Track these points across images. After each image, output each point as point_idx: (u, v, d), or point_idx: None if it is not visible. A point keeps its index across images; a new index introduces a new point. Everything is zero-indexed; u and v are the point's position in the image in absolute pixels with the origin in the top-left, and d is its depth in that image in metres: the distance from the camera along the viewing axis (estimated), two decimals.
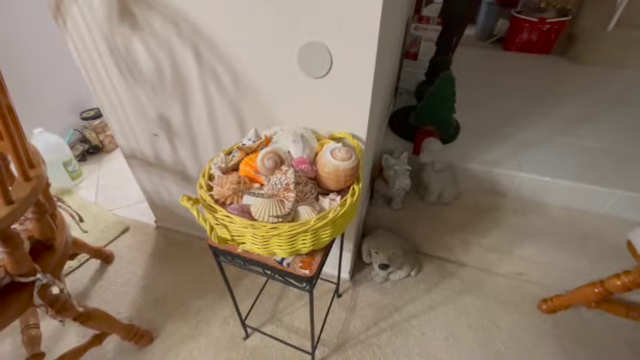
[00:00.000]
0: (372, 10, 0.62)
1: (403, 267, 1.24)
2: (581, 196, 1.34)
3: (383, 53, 0.78)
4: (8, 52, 1.55)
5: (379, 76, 0.79)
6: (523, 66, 2.48)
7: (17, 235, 0.68)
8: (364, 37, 0.65)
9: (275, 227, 0.57)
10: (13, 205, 0.60)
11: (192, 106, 0.96)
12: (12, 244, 0.66)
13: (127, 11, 0.82)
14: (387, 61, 0.97)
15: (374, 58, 0.68)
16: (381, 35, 0.66)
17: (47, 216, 0.79)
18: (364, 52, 0.67)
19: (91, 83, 1.04)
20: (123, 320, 1.13)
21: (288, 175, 0.60)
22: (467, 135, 1.58)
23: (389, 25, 0.79)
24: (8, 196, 0.60)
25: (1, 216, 0.58)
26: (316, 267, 0.68)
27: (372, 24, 0.63)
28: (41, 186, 0.73)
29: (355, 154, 0.65)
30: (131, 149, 1.20)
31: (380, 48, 0.68)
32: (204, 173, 0.69)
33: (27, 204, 0.66)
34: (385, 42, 0.78)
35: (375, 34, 0.64)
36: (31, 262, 0.73)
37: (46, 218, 0.79)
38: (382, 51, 0.75)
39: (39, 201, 0.76)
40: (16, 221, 0.64)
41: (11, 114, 0.65)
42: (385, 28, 0.72)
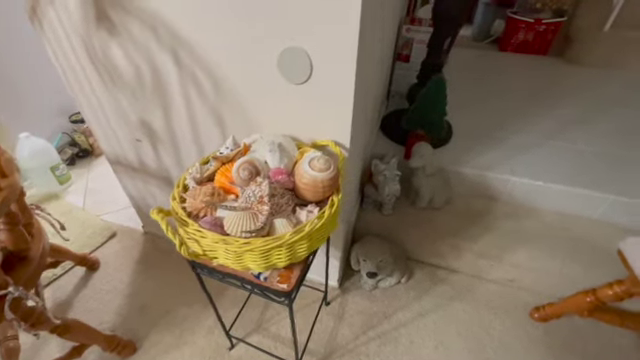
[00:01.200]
0: (351, 15, 0.59)
1: (393, 274, 1.21)
2: (574, 201, 1.31)
3: (366, 58, 0.76)
4: None
5: (362, 81, 0.76)
6: (519, 67, 2.46)
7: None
8: (343, 43, 0.63)
9: (248, 242, 0.54)
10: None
11: (173, 111, 0.93)
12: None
13: (104, 15, 0.79)
14: (373, 65, 0.94)
15: (354, 64, 0.65)
16: (361, 40, 0.64)
17: (20, 227, 0.77)
18: (344, 58, 0.65)
19: (71, 87, 1.01)
20: (106, 330, 1.11)
21: (262, 187, 0.57)
22: (460, 138, 1.55)
23: (372, 28, 0.77)
24: None
25: None
26: (295, 281, 0.66)
27: (351, 29, 0.61)
28: (13, 197, 0.71)
29: (334, 164, 0.63)
30: (115, 154, 1.18)
31: (361, 53, 0.66)
32: (178, 183, 0.67)
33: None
34: (368, 46, 0.76)
35: (354, 40, 0.62)
36: (2, 275, 0.71)
37: (19, 229, 0.77)
38: (364, 56, 0.73)
39: (11, 212, 0.74)
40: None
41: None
42: (367, 32, 0.69)
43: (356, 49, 0.63)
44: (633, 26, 2.18)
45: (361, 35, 0.62)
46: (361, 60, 0.68)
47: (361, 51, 0.66)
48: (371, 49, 0.82)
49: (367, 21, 0.67)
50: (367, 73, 0.84)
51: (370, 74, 0.93)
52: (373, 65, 0.97)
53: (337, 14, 0.60)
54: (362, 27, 0.62)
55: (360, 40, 0.63)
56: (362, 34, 0.63)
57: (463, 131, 1.59)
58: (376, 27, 0.85)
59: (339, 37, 0.63)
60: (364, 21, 0.62)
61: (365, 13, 0.61)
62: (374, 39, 0.86)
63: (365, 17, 0.63)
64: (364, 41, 0.67)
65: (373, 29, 0.79)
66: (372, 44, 0.83)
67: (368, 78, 0.88)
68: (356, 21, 0.60)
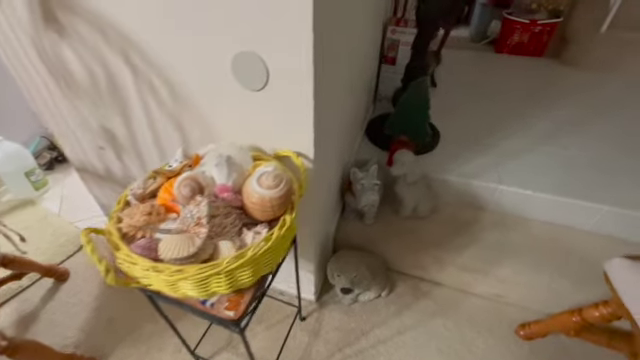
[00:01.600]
0: (302, 18, 0.54)
1: (372, 288, 1.16)
2: (564, 211, 1.25)
3: (329, 63, 0.71)
4: None
5: (326, 89, 0.71)
6: (514, 69, 2.40)
7: None
8: (298, 48, 0.58)
9: (180, 270, 0.49)
10: None
11: (133, 118, 0.88)
12: None
13: (51, 16, 0.74)
14: (347, 68, 0.89)
15: (312, 70, 0.60)
16: (318, 45, 0.58)
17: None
18: (301, 64, 0.60)
19: (28, 91, 0.96)
20: (70, 346, 1.07)
21: (201, 207, 0.52)
22: (447, 144, 1.49)
23: (337, 31, 0.71)
24: None
25: None
26: (243, 308, 0.60)
27: (304, 33, 0.55)
28: None
29: (286, 180, 0.57)
30: (80, 161, 1.12)
31: (319, 59, 0.61)
32: (120, 200, 0.61)
33: None
34: (333, 50, 0.71)
35: (309, 45, 0.57)
36: None
37: None
38: (328, 61, 0.68)
39: None
40: None
41: None
42: (329, 36, 0.64)
43: (312, 55, 0.58)
44: (630, 27, 2.11)
45: (318, 39, 0.57)
46: (320, 67, 0.62)
47: (320, 57, 0.60)
48: (338, 53, 0.77)
49: (326, 25, 0.61)
50: (335, 78, 0.78)
51: (342, 78, 0.87)
52: (346, 69, 0.91)
53: (288, 17, 0.55)
54: (318, 32, 0.56)
55: (317, 44, 0.57)
56: (319, 39, 0.58)
57: (451, 136, 1.53)
58: (345, 29, 0.80)
59: (293, 42, 0.57)
60: (320, 26, 0.57)
61: (320, 17, 0.56)
62: (344, 42, 0.81)
63: (322, 21, 0.57)
64: (324, 46, 0.62)
65: (339, 32, 0.74)
66: (340, 47, 0.77)
67: (338, 83, 0.83)
68: (309, 25, 0.54)
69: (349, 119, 1.14)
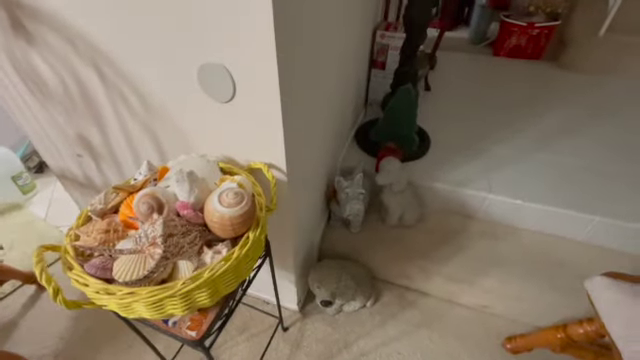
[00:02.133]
0: (264, 28, 0.52)
1: (356, 298, 1.14)
2: (555, 221, 1.22)
3: (302, 73, 0.69)
4: None
5: (298, 99, 0.69)
6: (511, 72, 2.37)
7: None
8: (262, 60, 0.56)
9: (132, 292, 0.47)
10: None
11: (108, 127, 0.87)
12: None
13: (19, 24, 0.73)
14: (323, 77, 0.86)
15: (277, 83, 0.58)
16: (282, 56, 0.56)
17: None
18: (266, 76, 0.58)
19: (3, 99, 0.95)
20: (47, 355, 1.06)
21: (156, 227, 0.50)
22: (438, 150, 1.47)
23: (310, 40, 0.69)
24: None
25: None
26: (206, 328, 0.58)
27: (267, 46, 0.53)
28: None
29: (248, 198, 0.55)
30: (60, 168, 1.11)
31: (285, 71, 0.59)
32: (80, 216, 0.60)
33: None
34: (304, 60, 0.69)
35: (272, 55, 0.54)
36: None
37: None
38: (298, 72, 0.66)
39: None
40: None
41: None
42: (296, 46, 0.62)
43: (275, 67, 0.56)
44: (629, 31, 2.08)
45: (281, 49, 0.55)
46: (287, 78, 0.60)
47: (285, 68, 0.58)
48: (313, 61, 0.75)
49: (294, 34, 0.59)
50: (310, 87, 0.76)
51: (320, 87, 0.85)
52: (326, 76, 0.89)
53: (251, 29, 0.53)
54: (282, 43, 0.54)
55: (281, 55, 0.55)
56: (284, 50, 0.56)
57: (442, 142, 1.51)
58: (322, 36, 0.78)
59: (256, 54, 0.55)
60: (285, 36, 0.55)
61: (284, 28, 0.54)
62: (320, 50, 0.79)
63: (287, 31, 0.55)
64: (292, 57, 0.60)
65: (313, 40, 0.72)
66: (315, 56, 0.75)
67: (314, 92, 0.80)
68: (271, 36, 0.52)
69: (333, 126, 1.11)
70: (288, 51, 0.58)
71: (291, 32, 0.58)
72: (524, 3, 2.49)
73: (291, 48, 0.60)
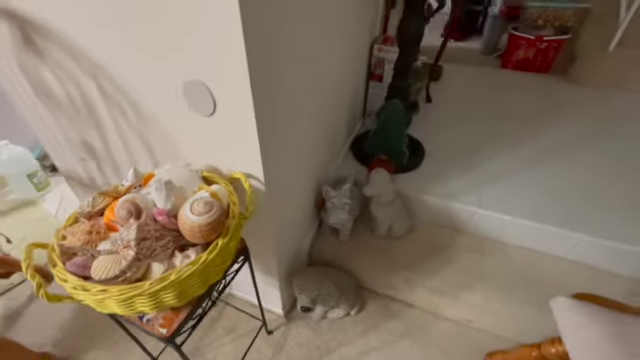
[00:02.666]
0: (236, 52, 0.57)
1: (340, 305, 1.16)
2: (544, 238, 1.22)
3: (281, 90, 0.73)
4: None
5: (275, 113, 0.73)
6: (516, 86, 2.35)
7: None
8: (236, 79, 0.60)
9: (105, 289, 0.52)
10: None
11: (107, 134, 0.93)
12: None
13: (31, 41, 0.80)
14: (308, 91, 0.90)
15: (251, 101, 0.63)
16: (256, 75, 0.61)
17: None
18: (241, 93, 0.62)
19: (17, 105, 1.03)
20: (46, 345, 1.13)
21: (130, 231, 0.55)
22: (431, 162, 1.48)
23: (289, 57, 0.74)
24: None
25: None
26: (176, 326, 0.63)
27: (239, 66, 0.58)
28: None
29: (217, 207, 0.60)
30: (67, 170, 1.19)
31: (260, 89, 0.63)
32: (70, 217, 0.66)
33: None
34: (283, 78, 0.73)
35: (245, 74, 0.59)
36: None
37: None
38: (274, 89, 0.70)
39: None
40: None
41: None
42: (272, 65, 0.66)
43: (249, 85, 0.60)
44: (639, 46, 2.03)
45: (255, 69, 0.59)
46: (262, 95, 0.65)
47: (259, 87, 0.63)
48: (296, 77, 0.79)
49: (267, 54, 0.64)
50: (291, 101, 0.81)
51: (304, 100, 0.89)
52: (313, 89, 0.93)
53: (225, 50, 0.58)
54: (254, 64, 0.59)
55: (254, 74, 0.60)
56: (257, 70, 0.60)
57: (437, 154, 1.52)
58: (307, 53, 0.82)
59: (231, 73, 0.60)
60: (257, 56, 0.59)
61: (256, 48, 0.58)
62: (304, 66, 0.83)
63: (260, 52, 0.60)
64: (266, 76, 0.65)
65: (293, 57, 0.76)
66: (297, 72, 0.80)
67: (297, 105, 0.85)
68: (242, 57, 0.57)
69: (324, 136, 1.15)
70: (264, 72, 0.63)
71: (266, 55, 0.63)
72: (533, 16, 2.48)
73: (267, 70, 0.64)
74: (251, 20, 0.55)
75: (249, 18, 0.54)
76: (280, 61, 0.70)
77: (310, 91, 0.92)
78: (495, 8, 3.30)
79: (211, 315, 1.22)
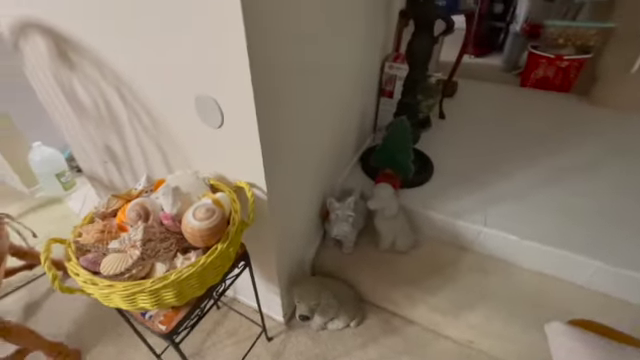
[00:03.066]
0: (241, 70, 0.61)
1: (340, 317, 1.17)
2: (554, 262, 1.19)
3: (284, 109, 0.77)
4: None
5: (278, 129, 0.78)
6: (535, 104, 2.32)
7: None
8: (241, 96, 0.65)
9: (111, 285, 0.57)
10: None
11: (127, 140, 1.01)
12: None
13: (64, 54, 0.89)
14: (314, 108, 0.94)
15: (254, 115, 0.67)
16: (260, 93, 0.65)
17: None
18: (245, 109, 0.67)
19: (49, 111, 1.13)
20: (60, 335, 1.19)
21: (137, 232, 0.60)
22: (440, 179, 1.49)
23: (293, 76, 0.78)
24: None
25: None
26: (175, 324, 0.67)
27: (244, 83, 0.63)
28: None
29: (218, 213, 0.64)
30: (90, 171, 1.28)
31: (262, 105, 0.68)
32: (86, 217, 0.72)
33: None
34: (287, 94, 0.78)
35: (249, 93, 0.64)
36: None
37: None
38: (278, 105, 0.75)
39: None
40: None
41: None
42: (276, 84, 0.71)
43: (252, 102, 0.65)
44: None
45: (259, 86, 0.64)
46: (265, 112, 0.69)
47: (263, 103, 0.67)
48: (300, 93, 0.84)
49: (271, 74, 0.68)
50: (295, 118, 0.85)
51: (310, 116, 0.93)
52: (320, 106, 0.97)
53: (230, 69, 0.63)
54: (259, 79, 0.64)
55: (259, 91, 0.65)
56: (261, 89, 0.65)
57: (446, 171, 1.53)
58: (313, 72, 0.87)
59: (236, 90, 0.65)
60: (261, 76, 0.64)
61: (260, 68, 0.63)
62: (310, 83, 0.87)
63: (263, 72, 0.65)
64: (270, 94, 0.69)
65: (299, 76, 0.81)
66: (302, 88, 0.84)
67: (300, 123, 0.89)
68: (247, 76, 0.62)
69: (330, 150, 1.18)
70: (268, 90, 0.68)
71: (271, 74, 0.68)
72: (553, 35, 2.45)
73: (272, 88, 0.69)
74: (256, 42, 0.60)
75: (254, 41, 0.59)
76: (285, 79, 0.75)
77: (316, 107, 0.96)
78: (517, 25, 3.29)
79: (214, 319, 1.25)
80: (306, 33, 0.79)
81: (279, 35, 0.68)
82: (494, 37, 4.03)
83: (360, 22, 1.13)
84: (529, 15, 3.10)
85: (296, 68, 0.79)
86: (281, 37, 0.69)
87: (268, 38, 0.64)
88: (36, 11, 0.84)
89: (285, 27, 0.69)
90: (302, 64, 0.81)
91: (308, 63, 0.84)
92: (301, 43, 0.78)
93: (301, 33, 0.77)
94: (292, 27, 0.72)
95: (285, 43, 0.71)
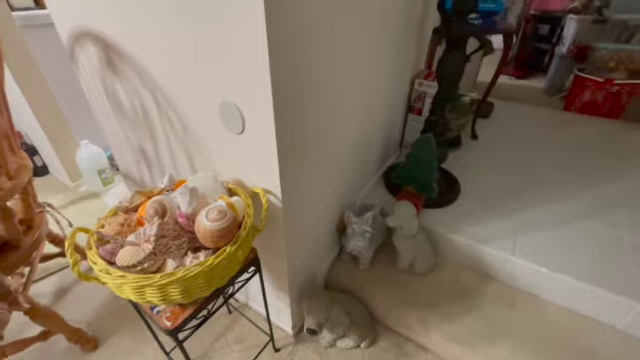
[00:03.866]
0: (262, 78, 0.64)
1: (350, 336, 1.14)
2: (587, 300, 1.09)
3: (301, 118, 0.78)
4: (66, 76, 1.90)
5: (296, 139, 0.79)
6: (578, 130, 2.18)
7: None
8: (262, 103, 0.67)
9: (123, 275, 0.59)
10: None
11: (158, 142, 1.07)
12: None
13: (110, 60, 0.97)
14: (331, 126, 0.94)
15: (272, 124, 0.69)
16: (280, 103, 0.67)
17: (13, 220, 0.94)
18: (265, 117, 0.69)
19: (95, 111, 1.23)
20: (82, 322, 1.26)
21: (152, 227, 0.62)
22: (467, 201, 1.42)
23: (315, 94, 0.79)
24: None
25: None
26: (181, 321, 0.68)
27: (264, 92, 0.65)
28: (9, 197, 0.89)
29: (230, 216, 0.65)
30: (125, 170, 1.37)
31: (281, 115, 0.69)
32: (111, 210, 0.76)
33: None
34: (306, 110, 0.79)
35: (269, 102, 0.66)
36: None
37: (12, 222, 0.94)
38: (296, 118, 0.76)
39: (6, 207, 0.91)
40: None
41: None
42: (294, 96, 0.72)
43: (272, 111, 0.67)
44: None
45: (279, 98, 0.66)
46: (284, 120, 0.71)
47: (282, 113, 0.69)
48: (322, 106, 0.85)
49: (293, 85, 0.70)
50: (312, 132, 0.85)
51: (332, 129, 0.94)
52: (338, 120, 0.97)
53: (252, 78, 0.65)
54: (279, 91, 0.65)
55: (278, 102, 0.66)
56: (281, 98, 0.67)
57: (474, 193, 1.46)
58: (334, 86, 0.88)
59: (257, 98, 0.67)
60: (282, 87, 0.66)
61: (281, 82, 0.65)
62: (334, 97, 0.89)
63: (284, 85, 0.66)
64: (289, 104, 0.71)
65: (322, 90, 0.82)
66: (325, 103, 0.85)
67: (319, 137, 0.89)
68: (268, 86, 0.64)
69: (351, 163, 1.18)
70: (288, 101, 0.70)
71: (292, 85, 0.69)
72: (603, 58, 2.31)
73: (292, 100, 0.71)
74: (279, 53, 0.62)
75: (276, 51, 0.61)
76: (307, 95, 0.77)
77: (337, 121, 0.97)
78: (563, 47, 3.14)
79: (225, 323, 1.26)
80: (333, 51, 0.81)
81: (301, 45, 0.69)
82: (538, 59, 3.88)
83: (390, 40, 1.14)
84: (577, 37, 2.95)
85: (320, 84, 0.80)
86: (303, 48, 0.70)
87: (290, 47, 0.66)
88: (90, 21, 0.93)
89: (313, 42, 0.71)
90: (326, 82, 0.83)
91: (332, 80, 0.85)
92: (327, 62, 0.80)
93: (328, 51, 0.79)
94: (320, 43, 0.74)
95: (307, 53, 0.72)
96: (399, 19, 1.15)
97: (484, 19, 1.44)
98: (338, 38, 0.82)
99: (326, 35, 0.76)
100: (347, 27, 0.84)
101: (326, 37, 0.77)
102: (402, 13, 1.16)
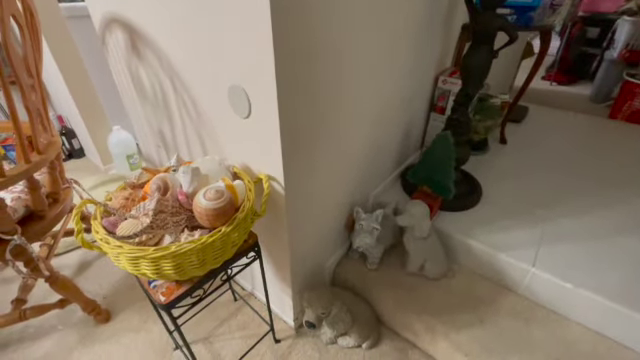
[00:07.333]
0: (267, 63, 0.63)
1: (351, 334, 1.11)
2: (616, 322, 0.98)
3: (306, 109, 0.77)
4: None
5: (301, 128, 0.78)
6: (623, 140, 2.00)
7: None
8: (267, 86, 0.67)
9: (120, 245, 0.61)
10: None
11: (175, 126, 1.10)
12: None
13: (135, 46, 1.01)
14: (342, 116, 0.92)
15: (276, 109, 0.68)
16: (284, 89, 0.67)
17: (39, 192, 1.00)
18: (269, 101, 0.69)
19: (122, 95, 1.29)
20: (98, 295, 1.32)
21: (152, 202, 0.64)
22: (487, 206, 1.35)
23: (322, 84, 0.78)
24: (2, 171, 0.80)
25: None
26: (174, 297, 0.69)
27: (269, 75, 0.65)
28: (35, 170, 0.95)
29: (227, 196, 0.65)
30: (147, 154, 1.43)
31: (285, 102, 0.69)
32: (120, 185, 0.79)
33: (16, 180, 0.86)
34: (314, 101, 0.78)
35: (273, 86, 0.65)
36: (13, 224, 0.94)
37: (38, 194, 1.00)
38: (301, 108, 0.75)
39: (33, 179, 0.97)
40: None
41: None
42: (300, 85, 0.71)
43: (275, 98, 0.66)
44: None
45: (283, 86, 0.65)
46: (289, 108, 0.70)
47: (287, 99, 0.69)
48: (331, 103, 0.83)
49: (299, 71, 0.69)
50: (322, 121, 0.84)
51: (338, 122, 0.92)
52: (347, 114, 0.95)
53: (259, 62, 0.65)
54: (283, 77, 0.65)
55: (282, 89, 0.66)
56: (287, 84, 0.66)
57: (496, 198, 1.38)
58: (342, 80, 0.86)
59: (263, 83, 0.67)
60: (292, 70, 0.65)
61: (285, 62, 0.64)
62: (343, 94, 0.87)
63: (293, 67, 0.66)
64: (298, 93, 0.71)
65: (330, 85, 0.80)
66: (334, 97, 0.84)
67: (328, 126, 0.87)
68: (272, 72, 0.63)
69: (363, 159, 1.15)
70: (293, 90, 0.69)
71: (297, 71, 0.68)
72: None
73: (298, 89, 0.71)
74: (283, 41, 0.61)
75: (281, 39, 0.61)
76: (317, 82, 0.75)
77: (349, 115, 0.94)
78: (614, 52, 2.90)
79: (230, 310, 1.28)
80: (346, 47, 0.80)
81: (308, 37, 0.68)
82: (584, 64, 3.61)
83: (412, 34, 1.10)
84: (630, 40, 2.72)
85: (331, 76, 0.79)
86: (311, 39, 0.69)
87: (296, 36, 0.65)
88: (118, 8, 0.97)
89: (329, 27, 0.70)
90: (338, 74, 0.81)
91: (344, 72, 0.84)
92: (339, 56, 0.79)
93: (339, 46, 0.78)
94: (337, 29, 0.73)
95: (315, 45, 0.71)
96: (421, 13, 1.11)
97: (519, 14, 1.36)
98: (354, 25, 0.80)
99: (343, 21, 0.75)
100: (365, 12, 0.82)
101: (342, 23, 0.75)
102: (425, 6, 1.11)
